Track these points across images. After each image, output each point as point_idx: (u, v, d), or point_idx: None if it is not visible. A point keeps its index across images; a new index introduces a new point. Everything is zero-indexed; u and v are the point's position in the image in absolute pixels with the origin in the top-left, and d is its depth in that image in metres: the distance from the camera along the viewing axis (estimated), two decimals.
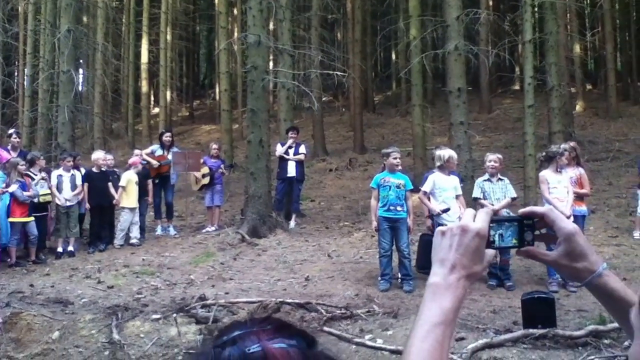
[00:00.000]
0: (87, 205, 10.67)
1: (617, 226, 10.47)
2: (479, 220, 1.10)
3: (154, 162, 11.70)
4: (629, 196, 12.23)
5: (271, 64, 17.70)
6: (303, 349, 0.78)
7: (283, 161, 12.00)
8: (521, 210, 1.19)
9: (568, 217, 7.26)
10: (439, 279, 1.05)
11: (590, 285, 1.12)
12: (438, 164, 7.98)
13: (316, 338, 0.83)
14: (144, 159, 11.49)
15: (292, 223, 11.76)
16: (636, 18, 24.71)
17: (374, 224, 8.01)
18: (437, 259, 1.08)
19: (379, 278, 7.88)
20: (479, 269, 1.08)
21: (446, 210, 7.54)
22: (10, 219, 9.45)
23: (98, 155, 11.16)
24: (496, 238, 1.15)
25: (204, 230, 11.60)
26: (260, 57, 11.49)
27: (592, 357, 5.39)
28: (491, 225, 1.13)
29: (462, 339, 5.85)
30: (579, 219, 7.75)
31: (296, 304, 6.88)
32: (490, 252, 1.11)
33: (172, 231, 11.68)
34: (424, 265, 7.85)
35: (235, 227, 11.24)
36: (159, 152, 11.98)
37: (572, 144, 8.61)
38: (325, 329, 6.25)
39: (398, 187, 7.87)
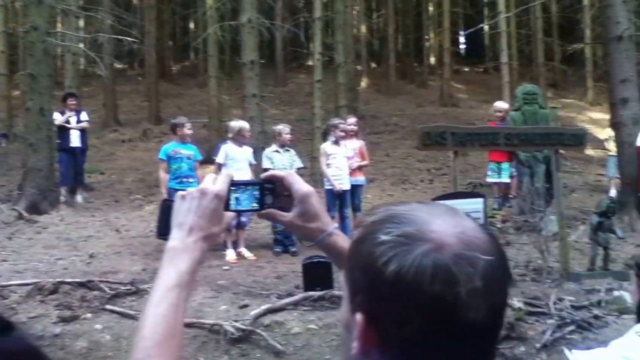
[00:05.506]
0: None
1: (391, 193, 11.44)
2: (218, 183, 1.12)
3: None
4: (403, 166, 13.49)
5: (59, 25, 16.33)
6: None
7: (64, 130, 11.16)
8: (262, 175, 1.23)
9: (343, 193, 8.02)
10: (177, 243, 1.06)
11: (322, 243, 1.20)
12: (230, 135, 8.18)
13: (12, 322, 0.75)
14: None
15: (79, 197, 11.11)
16: (415, 4, 26.99)
17: (164, 197, 7.92)
18: (176, 222, 1.09)
19: None
20: (217, 229, 1.10)
21: None
22: None
23: None
24: (236, 201, 1.19)
25: None
26: (41, 16, 10.58)
27: None
28: (232, 188, 1.16)
29: (245, 306, 5.95)
30: (357, 188, 8.38)
31: (77, 283, 6.47)
32: (229, 215, 1.16)
33: None
34: (164, 231, 7.92)
35: (11, 203, 10.36)
36: None
37: (353, 118, 9.22)
38: (108, 307, 6.00)
39: (189, 158, 8.02)
